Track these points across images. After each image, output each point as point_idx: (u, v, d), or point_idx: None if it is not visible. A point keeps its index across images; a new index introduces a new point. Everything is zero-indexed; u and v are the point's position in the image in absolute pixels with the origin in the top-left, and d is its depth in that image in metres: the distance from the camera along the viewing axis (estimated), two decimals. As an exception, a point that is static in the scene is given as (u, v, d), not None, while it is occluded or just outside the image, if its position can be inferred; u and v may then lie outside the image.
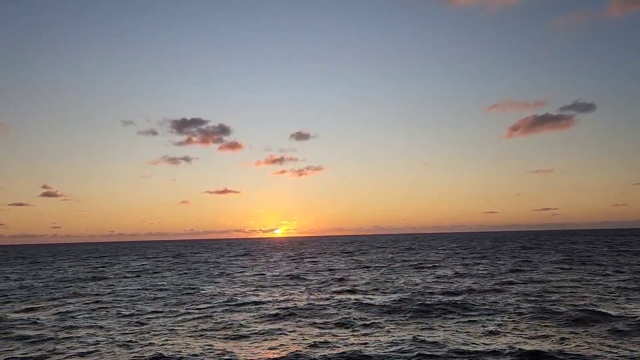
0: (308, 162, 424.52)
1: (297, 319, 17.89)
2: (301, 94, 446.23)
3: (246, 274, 38.48)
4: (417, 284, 27.09)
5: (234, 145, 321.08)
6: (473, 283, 26.87)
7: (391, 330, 15.60)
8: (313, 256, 64.04)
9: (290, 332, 15.75)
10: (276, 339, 14.78)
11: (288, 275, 35.40)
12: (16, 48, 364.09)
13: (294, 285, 29.14)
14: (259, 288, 27.86)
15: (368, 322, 16.73)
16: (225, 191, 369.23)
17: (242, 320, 17.86)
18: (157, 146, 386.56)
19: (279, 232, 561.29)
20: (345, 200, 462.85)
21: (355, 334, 15.26)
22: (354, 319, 17.41)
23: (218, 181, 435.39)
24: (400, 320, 17.18)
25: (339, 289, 26.14)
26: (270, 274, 37.59)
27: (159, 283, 32.51)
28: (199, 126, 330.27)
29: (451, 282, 27.65)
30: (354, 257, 57.54)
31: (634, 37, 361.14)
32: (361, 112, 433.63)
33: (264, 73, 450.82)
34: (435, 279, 29.66)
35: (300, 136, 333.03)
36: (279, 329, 16.14)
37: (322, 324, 16.83)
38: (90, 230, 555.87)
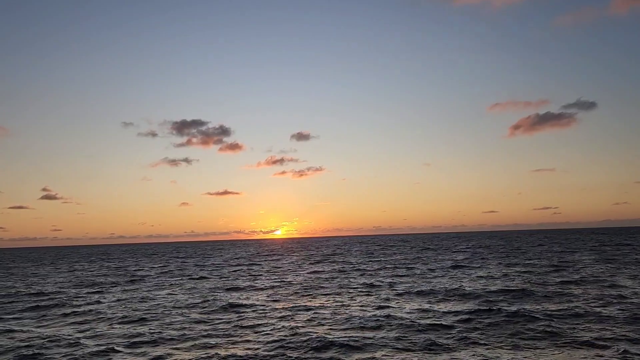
0: (309, 163, 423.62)
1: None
2: (302, 95, 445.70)
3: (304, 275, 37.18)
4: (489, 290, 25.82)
5: (234, 147, 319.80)
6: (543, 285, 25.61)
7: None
8: (342, 257, 62.65)
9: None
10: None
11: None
12: (15, 51, 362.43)
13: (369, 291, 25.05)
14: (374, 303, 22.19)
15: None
16: (225, 192, 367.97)
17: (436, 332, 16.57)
18: (158, 148, 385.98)
19: (280, 233, 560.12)
20: (346, 201, 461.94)
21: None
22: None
23: (218, 183, 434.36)
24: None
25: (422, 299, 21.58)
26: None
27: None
28: (199, 127, 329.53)
29: (518, 286, 26.40)
30: (379, 258, 56.26)
31: (637, 35, 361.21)
32: (362, 112, 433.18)
33: (265, 74, 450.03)
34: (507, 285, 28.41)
35: (301, 137, 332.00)
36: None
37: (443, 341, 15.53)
38: (91, 232, 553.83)
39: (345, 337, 14.60)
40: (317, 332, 15.32)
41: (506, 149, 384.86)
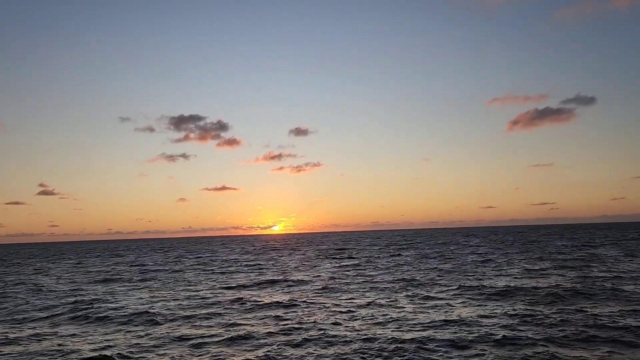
0: (307, 159, 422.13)
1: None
2: (300, 90, 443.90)
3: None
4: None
5: (232, 142, 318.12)
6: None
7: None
8: (357, 251, 61.65)
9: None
10: None
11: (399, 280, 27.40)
12: (11, 45, 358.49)
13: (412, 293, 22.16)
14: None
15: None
16: (223, 188, 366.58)
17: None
18: (155, 143, 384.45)
19: (277, 229, 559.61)
20: (344, 196, 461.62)
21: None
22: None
23: (216, 178, 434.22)
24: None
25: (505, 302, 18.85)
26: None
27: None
28: (197, 123, 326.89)
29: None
30: (398, 253, 55.34)
31: (637, 29, 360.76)
32: (361, 107, 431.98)
33: (263, 69, 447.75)
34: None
35: (299, 132, 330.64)
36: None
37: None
38: (88, 228, 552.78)
39: (421, 338, 13.58)
40: (389, 334, 14.26)
41: (505, 144, 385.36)
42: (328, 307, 19.04)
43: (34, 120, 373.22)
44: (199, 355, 12.75)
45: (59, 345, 14.24)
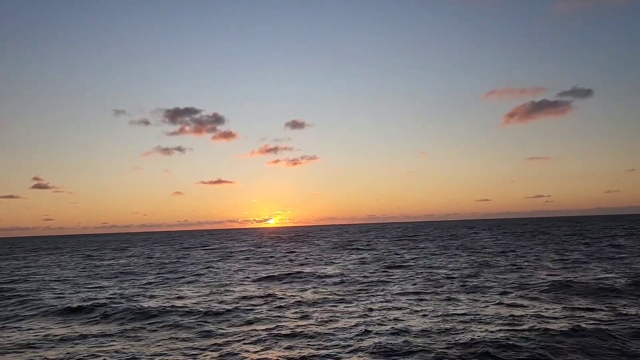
0: (303, 152, 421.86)
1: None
2: (297, 83, 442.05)
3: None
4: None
5: (228, 135, 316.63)
6: None
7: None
8: (367, 244, 61.67)
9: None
10: None
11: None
12: (3, 39, 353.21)
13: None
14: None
15: None
16: (219, 181, 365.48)
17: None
18: (150, 136, 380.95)
19: (273, 222, 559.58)
20: (340, 189, 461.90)
21: None
22: None
23: (212, 171, 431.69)
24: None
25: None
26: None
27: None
28: (193, 115, 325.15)
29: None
30: (410, 246, 55.38)
31: (636, 22, 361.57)
32: (357, 100, 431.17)
33: (259, 61, 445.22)
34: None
35: (296, 125, 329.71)
36: None
37: None
38: (83, 222, 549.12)
39: (499, 338, 13.56)
40: (471, 332, 14.19)
41: (501, 137, 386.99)
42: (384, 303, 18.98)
43: (27, 113, 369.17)
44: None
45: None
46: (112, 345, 13.19)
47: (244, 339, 13.27)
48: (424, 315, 15.32)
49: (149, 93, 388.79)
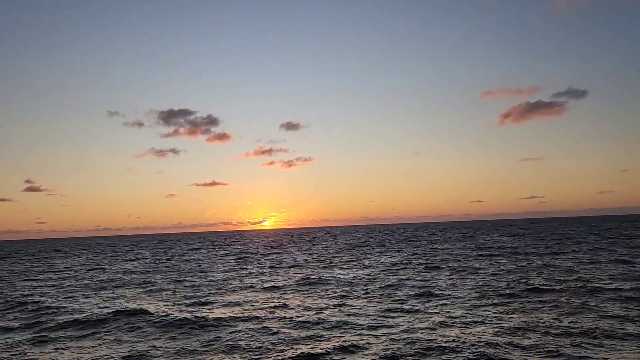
0: (298, 153, 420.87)
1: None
2: (292, 83, 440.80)
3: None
4: None
5: (222, 137, 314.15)
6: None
7: None
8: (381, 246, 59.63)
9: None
10: None
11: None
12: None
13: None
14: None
15: None
16: (213, 183, 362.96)
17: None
18: (144, 138, 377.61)
19: (267, 224, 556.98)
20: (334, 191, 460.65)
21: None
22: None
23: (206, 173, 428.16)
24: None
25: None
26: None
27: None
28: (187, 117, 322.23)
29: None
30: (435, 246, 53.46)
31: (634, 22, 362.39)
32: (352, 101, 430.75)
33: (254, 63, 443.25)
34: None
35: (291, 126, 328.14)
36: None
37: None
38: (76, 225, 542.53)
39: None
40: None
41: (496, 137, 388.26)
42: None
43: (19, 115, 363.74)
44: None
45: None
46: None
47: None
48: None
49: (143, 94, 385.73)
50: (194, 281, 27.34)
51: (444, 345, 11.57)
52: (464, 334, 12.68)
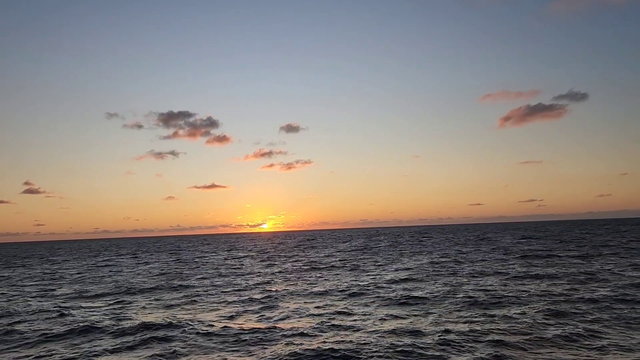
0: (297, 156, 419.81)
1: None
2: (292, 86, 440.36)
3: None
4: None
5: (222, 139, 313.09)
6: None
7: None
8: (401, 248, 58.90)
9: None
10: None
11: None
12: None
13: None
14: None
15: None
16: (212, 186, 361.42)
17: None
18: (143, 140, 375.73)
19: (266, 227, 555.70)
20: (333, 194, 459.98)
21: None
22: None
23: (205, 176, 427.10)
24: None
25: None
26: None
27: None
28: (187, 119, 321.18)
29: None
30: (462, 250, 52.79)
31: (636, 24, 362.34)
32: (352, 103, 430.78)
33: (254, 65, 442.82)
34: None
35: (290, 129, 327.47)
36: None
37: None
38: (75, 227, 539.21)
39: None
40: None
41: (495, 140, 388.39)
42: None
43: (18, 116, 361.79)
44: None
45: None
46: None
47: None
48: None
49: (143, 96, 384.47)
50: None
51: None
52: None
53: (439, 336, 12.73)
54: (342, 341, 12.60)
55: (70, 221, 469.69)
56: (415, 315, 15.90)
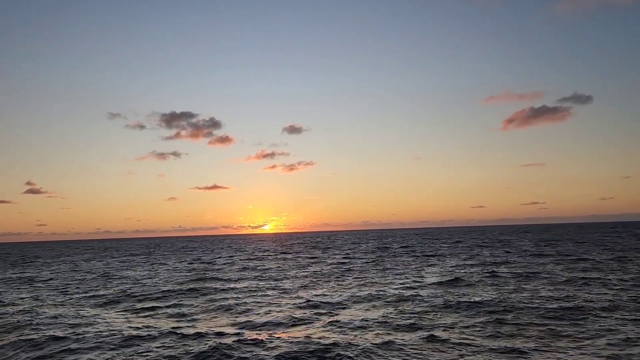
0: (299, 157, 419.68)
1: None
2: (295, 87, 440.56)
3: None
4: None
5: (224, 140, 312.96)
6: None
7: None
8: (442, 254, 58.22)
9: None
10: None
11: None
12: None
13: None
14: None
15: None
16: (214, 187, 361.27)
17: None
18: (145, 141, 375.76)
19: (268, 228, 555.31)
20: (335, 195, 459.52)
21: None
22: None
23: (207, 177, 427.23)
24: None
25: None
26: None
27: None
28: (189, 120, 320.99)
29: None
30: (480, 253, 52.08)
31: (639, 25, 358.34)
32: (355, 105, 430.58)
33: (257, 65, 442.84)
34: None
35: (293, 130, 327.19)
36: None
37: None
38: (76, 227, 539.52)
39: None
40: None
41: (498, 143, 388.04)
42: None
43: (20, 116, 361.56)
44: None
45: None
46: None
47: None
48: None
49: (145, 96, 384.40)
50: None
51: None
52: None
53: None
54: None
55: (72, 221, 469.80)
56: (489, 323, 15.22)
